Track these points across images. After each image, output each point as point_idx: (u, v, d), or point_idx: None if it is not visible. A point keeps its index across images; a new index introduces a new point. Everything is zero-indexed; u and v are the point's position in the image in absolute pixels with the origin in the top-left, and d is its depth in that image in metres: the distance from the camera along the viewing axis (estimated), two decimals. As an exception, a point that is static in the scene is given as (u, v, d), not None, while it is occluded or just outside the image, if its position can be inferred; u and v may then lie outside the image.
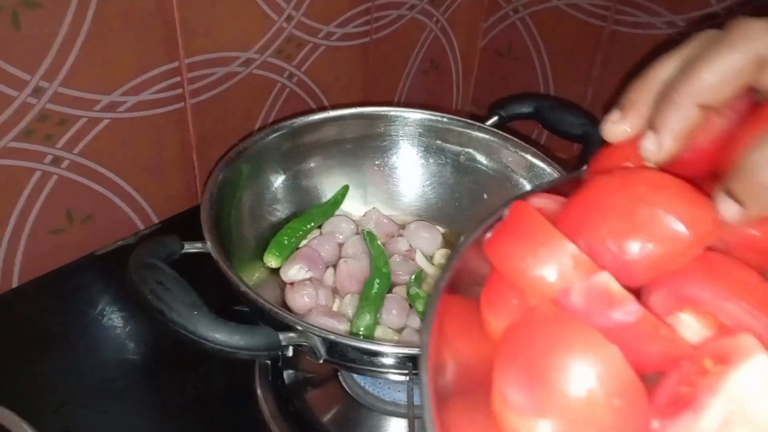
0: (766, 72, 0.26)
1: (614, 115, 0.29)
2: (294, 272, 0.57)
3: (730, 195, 0.25)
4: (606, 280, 0.24)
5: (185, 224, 0.66)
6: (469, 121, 0.65)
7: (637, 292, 0.25)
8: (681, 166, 0.28)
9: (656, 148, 0.28)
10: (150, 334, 0.56)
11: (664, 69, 0.28)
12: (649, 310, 0.24)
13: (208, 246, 0.48)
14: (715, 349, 0.24)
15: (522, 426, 0.23)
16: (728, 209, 0.25)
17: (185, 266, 0.46)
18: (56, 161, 0.57)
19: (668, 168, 0.28)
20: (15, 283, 0.60)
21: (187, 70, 0.62)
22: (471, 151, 0.65)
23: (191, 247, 0.48)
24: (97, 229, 0.63)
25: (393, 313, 0.54)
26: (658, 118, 0.27)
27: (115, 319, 0.57)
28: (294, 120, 0.62)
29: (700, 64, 0.27)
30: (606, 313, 0.23)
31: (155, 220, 0.68)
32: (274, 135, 0.60)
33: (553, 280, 0.24)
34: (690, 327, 0.25)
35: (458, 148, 0.65)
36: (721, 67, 0.26)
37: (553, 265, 0.24)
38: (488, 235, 0.28)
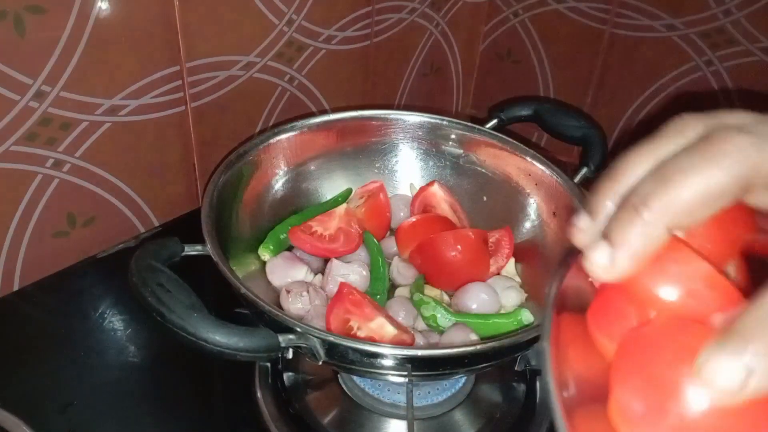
0: (749, 196, 0.24)
1: (584, 221, 0.26)
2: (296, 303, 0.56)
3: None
4: None
5: (186, 227, 0.66)
6: (469, 124, 0.65)
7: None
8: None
9: (608, 264, 0.24)
10: (151, 336, 0.57)
11: (635, 168, 0.25)
12: None
13: (209, 248, 0.48)
14: None
15: None
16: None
17: (185, 268, 0.46)
18: (58, 165, 0.57)
19: None
20: (16, 286, 0.60)
21: (188, 73, 0.62)
22: (471, 153, 0.65)
23: (191, 250, 0.49)
24: (98, 232, 0.63)
25: (401, 315, 0.54)
26: (618, 232, 0.24)
27: (116, 322, 0.58)
28: (294, 123, 0.62)
29: (676, 178, 0.23)
30: None
31: (156, 223, 0.69)
32: (275, 138, 0.60)
33: (683, 298, 0.24)
34: None
35: (458, 151, 0.66)
36: (701, 187, 0.23)
37: (684, 283, 0.24)
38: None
